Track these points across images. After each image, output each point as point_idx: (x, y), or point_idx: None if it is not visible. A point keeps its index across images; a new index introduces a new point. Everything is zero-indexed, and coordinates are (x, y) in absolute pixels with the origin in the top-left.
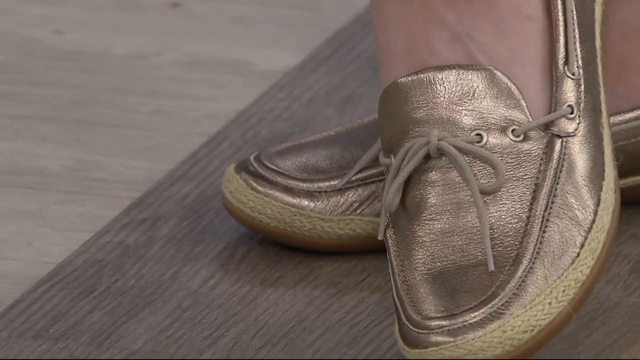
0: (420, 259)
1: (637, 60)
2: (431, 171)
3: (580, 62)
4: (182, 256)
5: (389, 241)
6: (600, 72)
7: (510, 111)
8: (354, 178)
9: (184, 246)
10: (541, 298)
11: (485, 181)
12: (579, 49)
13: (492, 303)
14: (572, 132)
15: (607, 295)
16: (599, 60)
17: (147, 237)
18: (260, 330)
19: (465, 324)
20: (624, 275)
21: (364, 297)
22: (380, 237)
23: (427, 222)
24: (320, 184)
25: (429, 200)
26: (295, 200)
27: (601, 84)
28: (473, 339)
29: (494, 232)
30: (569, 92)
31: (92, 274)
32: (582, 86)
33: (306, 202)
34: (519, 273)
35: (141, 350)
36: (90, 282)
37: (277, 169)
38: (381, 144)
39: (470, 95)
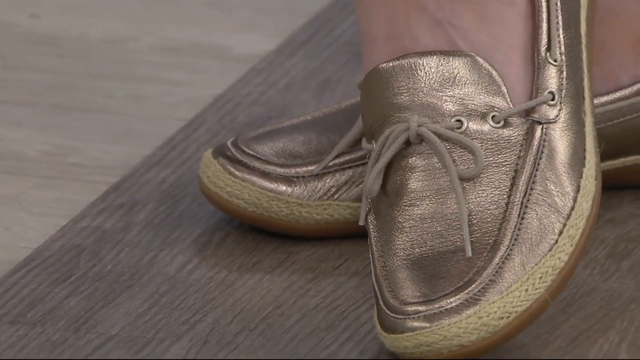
0: (400, 244)
1: (613, 43)
2: (411, 157)
3: (563, 48)
4: (160, 241)
5: (370, 226)
6: (585, 59)
7: (491, 97)
8: (331, 163)
9: (161, 231)
10: (518, 285)
11: (465, 167)
12: (562, 36)
13: (469, 289)
14: (553, 119)
15: (584, 280)
16: (583, 47)
17: (125, 222)
18: (237, 315)
19: (441, 309)
20: (600, 260)
21: (341, 282)
22: (361, 223)
23: (406, 207)
24: (298, 169)
25: (409, 186)
26: (272, 185)
27: (585, 71)
28: (449, 325)
29: (472, 218)
30: (551, 78)
31: (69, 259)
32: (565, 72)
33: (284, 187)
34: (496, 259)
35: (118, 336)
36: (68, 267)
37: (255, 154)
38: (363, 130)
39: (451, 81)
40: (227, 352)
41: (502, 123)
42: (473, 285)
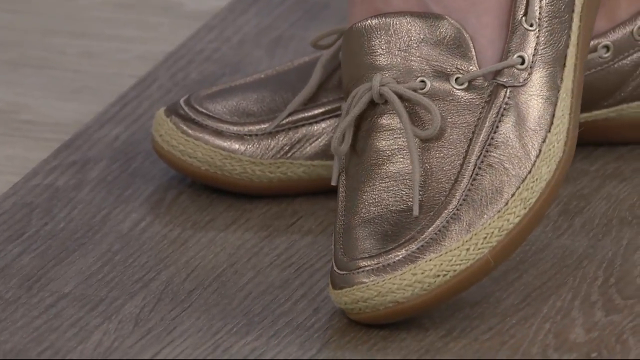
0: (360, 203)
1: None
2: (377, 117)
3: (543, 14)
4: (113, 199)
5: (340, 186)
6: (576, 27)
7: (456, 60)
8: (284, 121)
9: (114, 189)
10: (459, 244)
11: (426, 127)
12: (543, 2)
13: (408, 247)
14: (520, 83)
15: (537, 237)
16: (576, 15)
17: (77, 180)
18: (191, 274)
19: (378, 266)
20: (553, 217)
21: (295, 240)
22: (334, 183)
23: (370, 167)
24: (251, 127)
25: (374, 146)
26: (225, 144)
27: (573, 38)
28: (383, 281)
29: (428, 178)
30: (523, 42)
31: (21, 217)
32: (542, 38)
33: (237, 146)
34: (441, 218)
35: (71, 294)
36: (20, 225)
37: (208, 112)
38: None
39: (418, 42)
40: (181, 309)
41: (465, 85)
42: (413, 243)
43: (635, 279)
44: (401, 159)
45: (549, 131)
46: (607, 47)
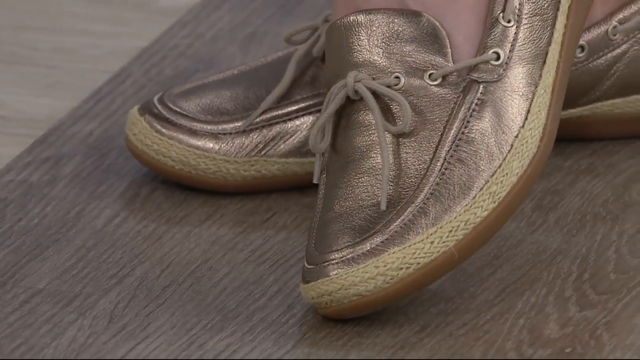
0: (335, 199)
1: None
2: (355, 113)
3: (522, 10)
4: (87, 195)
5: (321, 183)
6: (560, 26)
7: (431, 55)
8: (258, 119)
9: (88, 185)
10: (423, 237)
11: (398, 123)
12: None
13: (372, 240)
14: (495, 78)
15: (511, 233)
16: (561, 14)
17: (51, 176)
18: (165, 269)
19: (342, 259)
20: (527, 213)
21: (269, 236)
22: (315, 181)
23: (347, 163)
24: (225, 126)
25: (351, 142)
26: (199, 143)
27: (556, 36)
28: (346, 274)
29: (400, 172)
30: (499, 39)
31: None
32: (520, 34)
33: (211, 144)
34: (407, 212)
35: (46, 290)
36: None
37: (181, 111)
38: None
39: (394, 38)
40: (156, 305)
41: (439, 81)
42: (378, 237)
43: (609, 275)
44: (375, 155)
45: (523, 126)
46: (581, 47)
